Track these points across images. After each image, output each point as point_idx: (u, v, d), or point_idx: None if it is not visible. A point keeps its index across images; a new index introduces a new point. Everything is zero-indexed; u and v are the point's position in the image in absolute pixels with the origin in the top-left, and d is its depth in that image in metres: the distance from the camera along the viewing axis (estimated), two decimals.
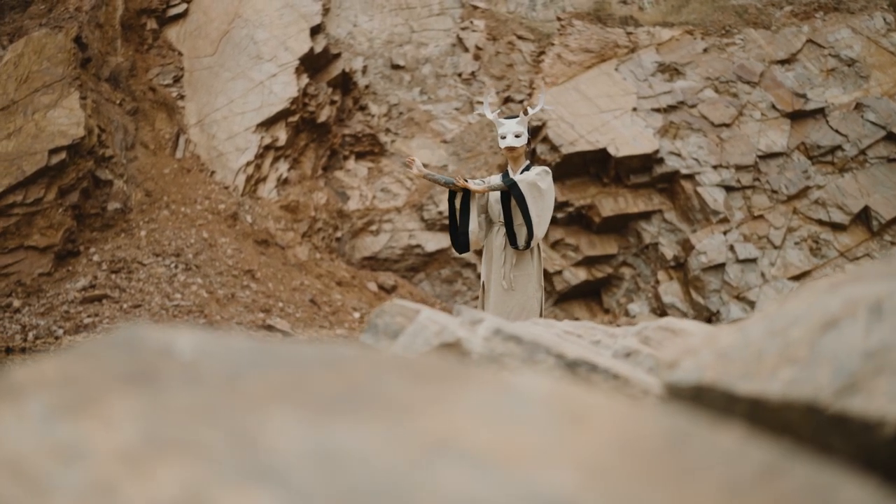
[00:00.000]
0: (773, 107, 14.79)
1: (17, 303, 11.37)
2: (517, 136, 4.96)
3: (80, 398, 0.65)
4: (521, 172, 5.00)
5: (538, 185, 4.80)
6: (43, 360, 0.71)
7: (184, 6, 14.43)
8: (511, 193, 4.77)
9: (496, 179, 5.02)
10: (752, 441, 0.59)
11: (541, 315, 4.71)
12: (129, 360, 0.72)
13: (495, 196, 4.93)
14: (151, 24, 14.29)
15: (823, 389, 0.91)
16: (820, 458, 0.82)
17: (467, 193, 4.92)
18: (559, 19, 15.40)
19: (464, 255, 5.73)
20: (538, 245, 4.88)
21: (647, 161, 14.27)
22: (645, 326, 2.12)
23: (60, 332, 10.86)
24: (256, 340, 0.76)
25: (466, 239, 4.87)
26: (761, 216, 14.38)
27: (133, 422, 0.60)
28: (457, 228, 4.91)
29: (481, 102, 15.55)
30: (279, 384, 0.65)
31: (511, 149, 4.98)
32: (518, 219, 4.76)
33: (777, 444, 0.60)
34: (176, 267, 12.16)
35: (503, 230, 4.81)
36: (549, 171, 5.08)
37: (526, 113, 5.14)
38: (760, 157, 14.50)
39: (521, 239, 4.74)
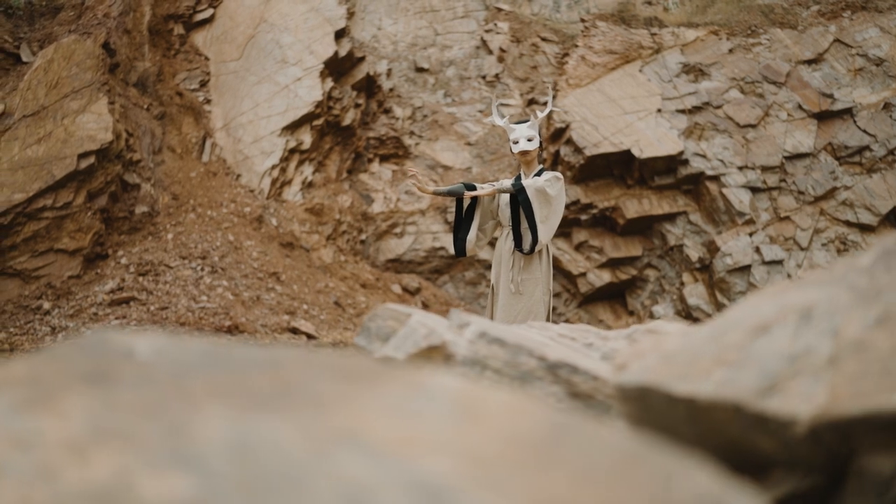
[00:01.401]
0: (800, 107, 14.68)
1: (47, 305, 11.60)
2: (529, 140, 5.00)
3: (41, 394, 0.71)
4: (534, 177, 5.04)
5: (546, 191, 4.84)
6: (15, 360, 0.77)
7: (210, 11, 14.62)
8: (517, 198, 4.82)
9: (508, 183, 5.07)
10: (623, 434, 0.64)
11: (549, 319, 4.75)
12: (90, 362, 0.78)
13: (505, 200, 4.98)
14: (178, 29, 14.50)
15: (747, 390, 0.95)
16: (745, 454, 0.86)
17: (474, 199, 4.98)
18: (583, 21, 15.40)
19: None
20: (547, 250, 4.91)
21: (672, 162, 14.23)
22: (635, 329, 2.16)
23: (89, 333, 11.06)
24: (210, 344, 0.82)
25: (463, 245, 4.96)
26: (788, 217, 14.28)
27: (83, 415, 0.66)
28: (458, 231, 4.99)
29: (506, 104, 15.59)
30: (219, 383, 0.71)
31: (524, 153, 5.02)
32: (524, 223, 4.81)
33: (648, 437, 0.65)
34: (202, 269, 12.33)
35: (512, 234, 4.86)
36: (561, 176, 5.11)
37: (536, 116, 5.17)
38: (787, 157, 14.40)
39: (527, 243, 4.78)
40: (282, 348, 0.79)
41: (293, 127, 14.05)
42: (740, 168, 14.39)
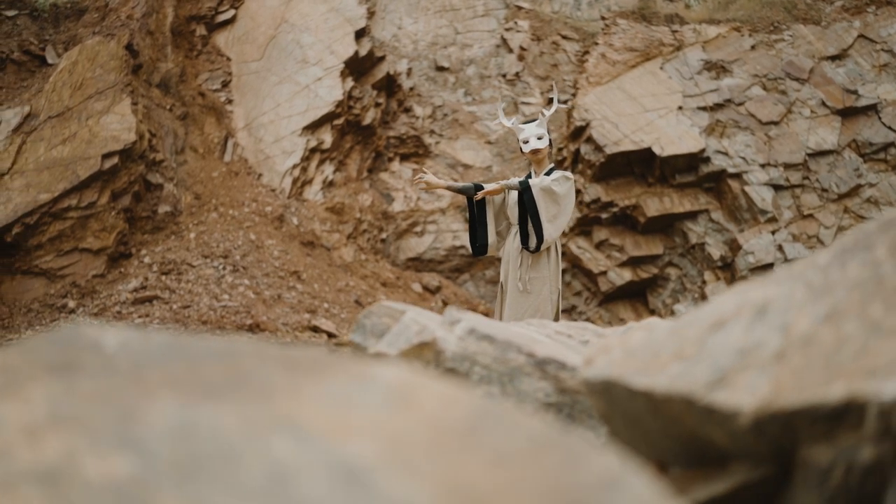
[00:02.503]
0: (823, 104, 14.55)
1: (72, 303, 11.77)
2: (539, 139, 5.02)
3: (9, 382, 0.76)
4: (544, 176, 5.07)
5: (552, 189, 4.86)
6: None
7: (232, 12, 14.76)
8: (523, 197, 4.85)
9: (516, 181, 5.10)
10: (542, 421, 0.67)
11: (557, 317, 4.77)
12: (60, 353, 0.83)
13: (514, 199, 5.01)
14: (200, 30, 14.65)
15: (698, 384, 0.98)
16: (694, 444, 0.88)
17: (482, 200, 5.02)
18: (603, 18, 15.37)
19: None
20: (556, 248, 4.94)
21: (693, 160, 14.16)
22: (630, 327, 2.18)
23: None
24: (173, 336, 0.86)
25: (484, 249, 5.03)
26: (811, 215, 14.17)
27: (44, 402, 0.70)
28: (475, 233, 5.04)
29: (527, 103, 15.60)
30: (175, 373, 0.75)
31: (535, 151, 5.04)
32: (531, 221, 4.84)
33: (561, 422, 0.68)
34: (224, 268, 12.45)
35: (519, 232, 4.89)
36: (571, 176, 5.12)
37: (543, 115, 5.19)
38: (810, 155, 14.28)
39: (532, 242, 4.81)
40: (240, 341, 0.84)
41: (314, 126, 14.15)
42: (763, 165, 14.29)
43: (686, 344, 1.08)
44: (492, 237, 4.99)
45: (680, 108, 14.28)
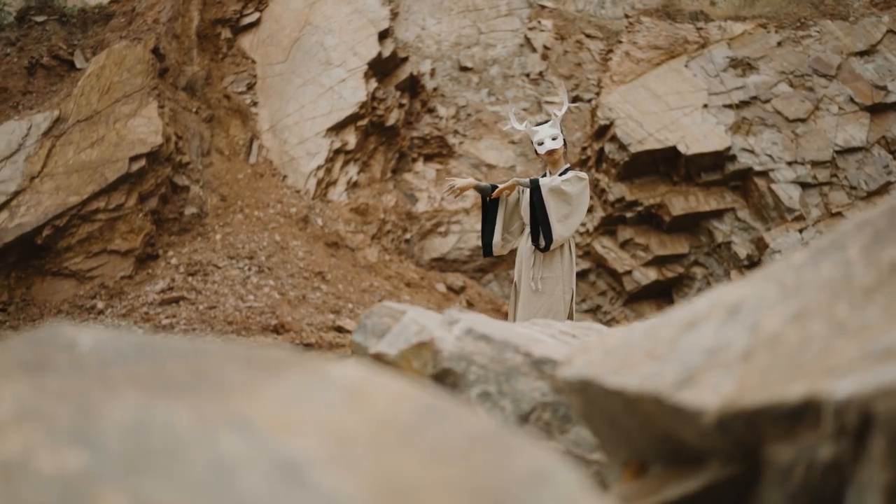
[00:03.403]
0: (852, 100, 14.38)
1: (100, 304, 11.94)
2: (554, 139, 5.02)
3: None
4: (558, 176, 5.08)
5: (563, 189, 4.86)
6: None
7: (256, 15, 14.88)
8: (532, 196, 4.87)
9: (527, 179, 5.11)
10: (485, 418, 0.69)
11: (570, 317, 4.77)
12: (34, 352, 0.86)
13: (527, 198, 5.02)
14: (226, 33, 14.79)
15: (667, 383, 0.98)
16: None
17: (496, 199, 5.04)
18: (627, 17, 15.30)
19: None
20: (570, 248, 4.94)
21: (719, 158, 14.04)
22: (633, 326, 2.18)
23: (140, 332, 11.37)
24: (146, 337, 0.89)
25: (489, 249, 5.06)
26: (839, 213, 14.00)
27: (13, 399, 0.73)
28: (484, 233, 5.09)
29: (550, 102, 15.57)
30: (141, 372, 0.78)
31: (551, 152, 5.05)
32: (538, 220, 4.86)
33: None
34: (249, 269, 12.56)
35: (531, 232, 4.91)
36: (585, 176, 5.12)
37: (556, 116, 5.19)
38: (838, 152, 14.11)
39: (541, 241, 4.82)
40: (209, 341, 0.86)
41: (338, 128, 14.23)
42: (789, 163, 14.14)
43: (659, 344, 1.09)
44: (497, 237, 5.02)
45: (705, 105, 14.18)
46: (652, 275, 14.28)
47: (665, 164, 14.18)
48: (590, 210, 14.67)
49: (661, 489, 1.07)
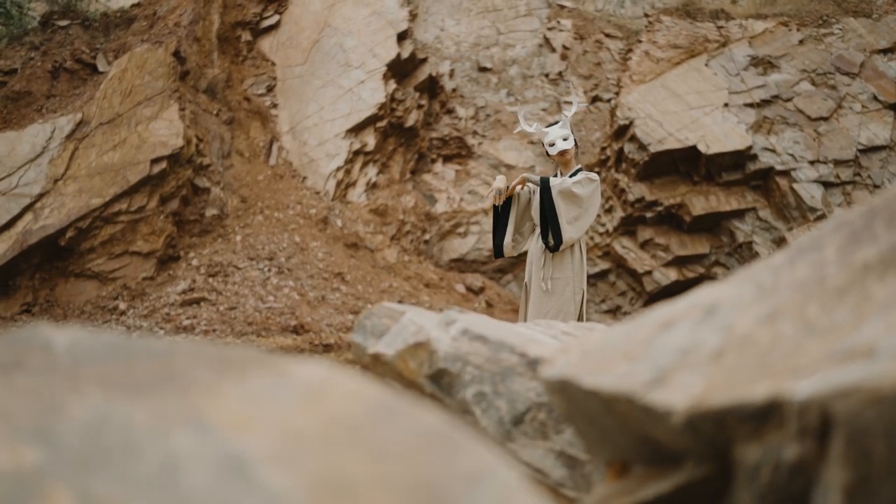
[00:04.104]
0: (875, 98, 14.23)
1: (122, 305, 12.06)
2: (565, 140, 5.02)
3: None
4: (570, 177, 5.07)
5: (573, 191, 4.86)
6: None
7: (276, 17, 14.97)
8: (542, 198, 4.87)
9: (537, 178, 5.11)
10: (437, 417, 0.70)
11: (581, 318, 4.76)
12: (10, 352, 0.88)
13: (538, 199, 5.02)
14: (246, 35, 14.89)
15: (640, 383, 0.99)
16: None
17: (508, 200, 5.05)
18: (647, 16, 15.23)
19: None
20: (580, 249, 4.93)
21: (740, 158, 13.95)
22: (614, 327, 2.18)
23: (161, 333, 11.47)
24: (120, 337, 0.91)
25: (500, 250, 5.07)
26: None
27: None
28: (496, 233, 5.10)
29: (570, 102, 15.52)
30: (109, 371, 0.80)
31: (563, 153, 5.04)
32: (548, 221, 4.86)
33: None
34: (269, 270, 12.64)
35: (541, 233, 4.91)
36: (596, 177, 5.11)
37: (565, 116, 5.19)
38: (861, 150, 13.97)
39: (550, 241, 4.82)
40: (181, 342, 0.88)
41: (357, 129, 14.28)
42: (812, 162, 14.02)
43: (636, 344, 1.09)
44: (507, 238, 5.03)
45: (726, 105, 14.09)
46: (672, 275, 14.21)
47: (685, 164, 14.10)
48: (609, 210, 14.61)
49: (638, 489, 1.07)
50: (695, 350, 0.99)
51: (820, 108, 14.07)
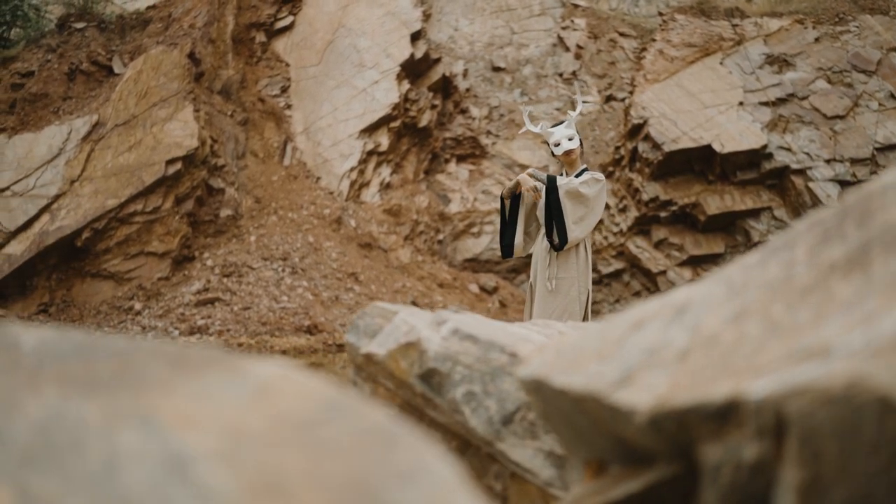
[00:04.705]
0: (892, 96, 14.12)
1: (138, 305, 12.14)
2: (570, 140, 5.01)
3: None
4: (575, 177, 5.06)
5: (580, 192, 4.85)
6: None
7: (290, 18, 15.02)
8: (549, 198, 4.86)
9: (544, 175, 5.10)
10: (384, 414, 0.71)
11: (585, 318, 4.75)
12: None
13: (543, 200, 5.01)
14: (260, 37, 14.95)
15: (607, 383, 0.99)
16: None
17: (516, 199, 5.04)
18: (661, 14, 15.17)
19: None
20: (585, 249, 4.92)
21: (755, 157, 13.87)
22: (589, 326, 2.18)
23: (176, 333, 11.54)
24: (88, 336, 0.92)
25: (511, 250, 5.06)
26: None
27: None
28: (504, 233, 5.09)
29: (584, 101, 15.47)
30: (71, 370, 0.81)
31: (568, 153, 5.03)
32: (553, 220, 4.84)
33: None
34: (283, 270, 12.68)
35: (546, 232, 4.91)
36: (602, 177, 5.09)
37: (570, 116, 5.17)
38: (878, 149, 13.85)
39: (555, 236, 4.82)
40: (145, 341, 0.89)
41: (371, 129, 14.31)
42: (828, 161, 13.92)
43: (607, 344, 1.09)
44: (519, 238, 5.02)
45: (741, 103, 14.02)
46: (687, 275, 14.14)
47: (700, 163, 14.04)
48: (624, 210, 14.57)
49: (610, 489, 1.07)
50: (662, 350, 0.99)
51: (836, 106, 13.97)
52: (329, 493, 0.59)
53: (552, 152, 5.10)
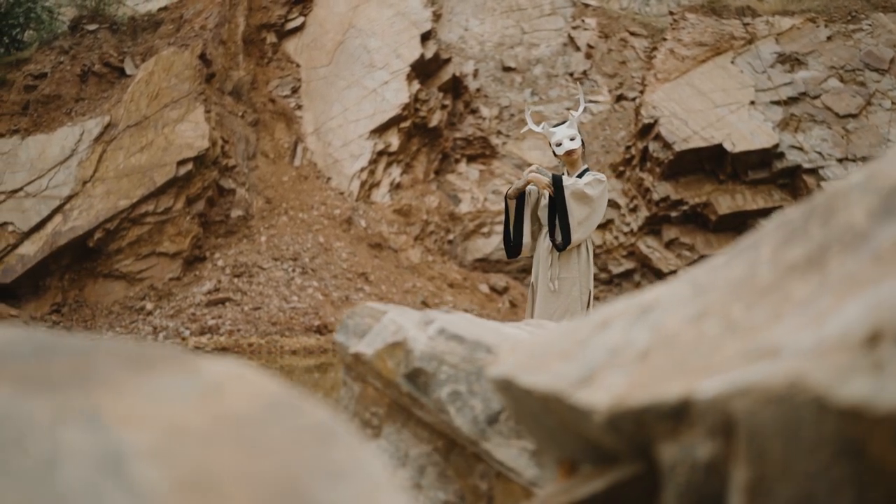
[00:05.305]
0: None
1: (149, 305, 12.21)
2: (572, 140, 5.00)
3: None
4: (577, 177, 5.05)
5: (585, 193, 4.84)
6: None
7: (301, 19, 15.07)
8: (554, 199, 4.86)
9: (549, 174, 5.09)
10: (326, 413, 0.71)
11: None
12: None
13: (545, 198, 5.01)
14: (271, 38, 15.00)
15: (568, 383, 0.99)
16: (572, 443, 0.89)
17: (521, 199, 5.04)
18: (672, 13, 15.13)
19: None
20: (587, 249, 4.91)
21: (767, 156, 13.80)
22: (559, 326, 2.18)
23: (187, 332, 11.60)
24: (50, 336, 0.93)
25: (518, 249, 5.06)
26: None
27: None
28: (510, 232, 5.09)
29: (595, 101, 15.45)
30: (27, 369, 0.82)
31: (569, 153, 5.03)
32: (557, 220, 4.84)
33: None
34: (293, 271, 12.73)
35: (549, 232, 4.90)
36: (604, 178, 5.09)
37: (572, 116, 5.17)
38: (891, 148, 13.75)
39: (557, 235, 4.81)
40: (104, 340, 0.90)
41: (381, 130, 14.33)
42: (840, 160, 13.84)
43: (572, 344, 1.09)
44: (526, 237, 5.02)
45: (752, 102, 13.96)
46: None
47: (711, 163, 13.98)
48: (634, 209, 14.53)
49: (576, 489, 1.07)
50: (624, 349, 0.99)
51: (848, 105, 13.89)
52: (259, 491, 0.60)
53: (554, 152, 5.10)
